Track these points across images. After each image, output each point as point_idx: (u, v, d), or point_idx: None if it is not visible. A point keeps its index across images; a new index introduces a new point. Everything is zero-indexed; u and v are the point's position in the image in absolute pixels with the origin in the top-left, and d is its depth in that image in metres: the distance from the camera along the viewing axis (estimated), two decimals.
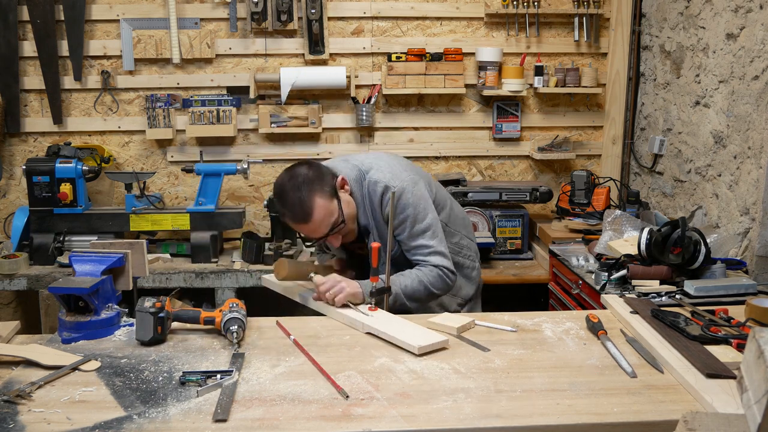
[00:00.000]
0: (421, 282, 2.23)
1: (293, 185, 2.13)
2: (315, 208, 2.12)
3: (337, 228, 2.18)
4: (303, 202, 2.11)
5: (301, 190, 2.11)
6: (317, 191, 2.13)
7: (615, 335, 1.96)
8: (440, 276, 2.26)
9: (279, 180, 2.18)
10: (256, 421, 1.50)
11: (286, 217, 2.17)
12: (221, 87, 3.78)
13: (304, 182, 2.13)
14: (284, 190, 2.14)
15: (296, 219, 2.14)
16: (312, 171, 2.16)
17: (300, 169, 2.17)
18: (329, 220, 2.15)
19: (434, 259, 2.26)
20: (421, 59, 3.71)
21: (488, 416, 1.53)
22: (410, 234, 2.25)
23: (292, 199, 2.12)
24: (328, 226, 2.16)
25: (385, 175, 2.24)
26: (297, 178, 2.14)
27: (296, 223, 2.16)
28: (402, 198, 2.22)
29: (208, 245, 3.46)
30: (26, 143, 3.78)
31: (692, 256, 2.42)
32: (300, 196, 2.11)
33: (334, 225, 2.16)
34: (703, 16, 3.08)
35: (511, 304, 2.56)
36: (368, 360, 1.81)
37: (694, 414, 1.30)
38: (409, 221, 2.24)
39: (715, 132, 2.97)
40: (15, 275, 3.28)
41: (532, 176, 4.02)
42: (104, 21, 3.69)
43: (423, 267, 2.26)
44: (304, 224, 2.15)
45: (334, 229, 2.17)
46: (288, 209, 2.14)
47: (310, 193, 2.12)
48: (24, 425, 1.48)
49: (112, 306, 2.01)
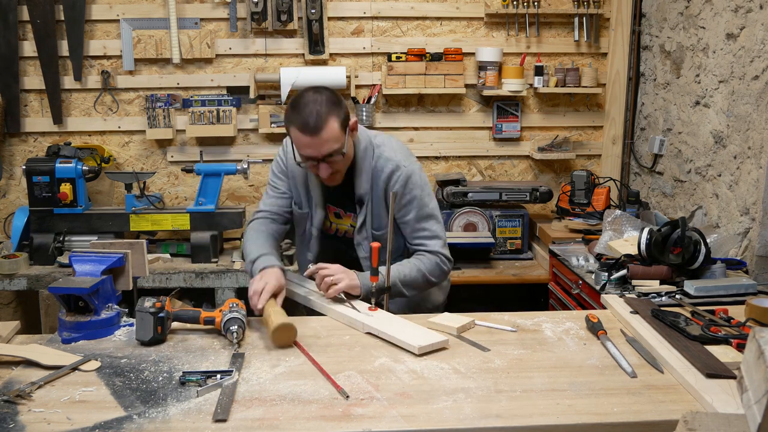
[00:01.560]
0: (420, 270, 2.25)
1: (315, 98, 2.11)
2: (328, 124, 2.10)
3: (334, 156, 2.16)
4: (320, 115, 2.09)
5: (322, 105, 2.10)
6: (335, 113, 2.12)
7: (615, 335, 1.96)
8: (438, 264, 2.29)
9: (302, 92, 2.16)
10: (256, 421, 1.50)
11: (295, 124, 2.12)
12: (221, 87, 3.78)
13: (327, 101, 2.12)
14: (305, 100, 2.12)
15: (306, 128, 2.09)
16: (335, 96, 2.17)
17: (325, 89, 2.17)
18: (333, 145, 2.13)
19: (435, 244, 2.29)
20: (421, 59, 3.71)
21: (488, 416, 1.53)
22: (417, 216, 2.28)
23: (311, 109, 2.09)
24: (330, 149, 2.13)
25: (396, 154, 2.28)
26: (321, 94, 2.13)
27: (304, 132, 2.10)
28: (411, 179, 2.26)
29: (208, 245, 3.46)
30: (26, 143, 3.78)
31: (692, 256, 2.42)
32: (318, 109, 2.09)
33: (334, 151, 2.15)
34: (703, 16, 3.08)
35: (511, 304, 2.56)
36: (368, 360, 1.81)
37: (694, 414, 1.30)
38: (417, 202, 2.27)
39: (715, 132, 2.97)
40: (15, 275, 3.29)
41: (532, 176, 4.02)
42: (104, 21, 3.69)
43: (421, 255, 2.29)
44: (310, 135, 2.10)
45: (332, 155, 2.15)
46: (302, 116, 2.10)
47: (329, 112, 2.11)
48: (24, 425, 1.48)
49: (112, 306, 2.01)
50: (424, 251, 2.29)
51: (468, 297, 3.92)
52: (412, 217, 2.28)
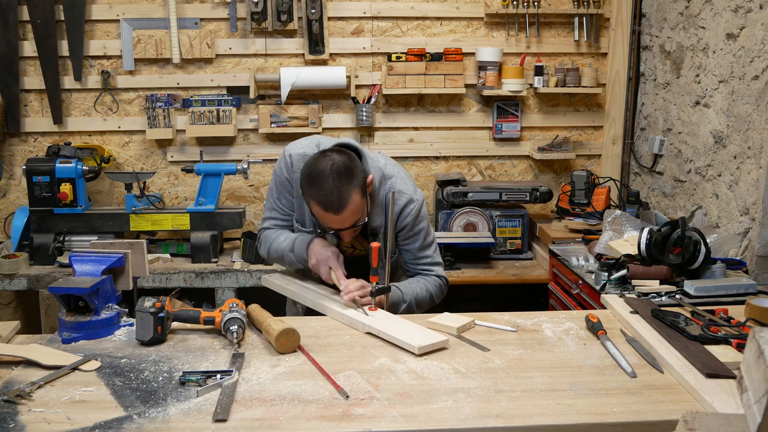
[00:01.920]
0: (428, 291, 2.33)
1: (334, 172, 2.05)
2: (351, 201, 2.07)
3: (357, 226, 2.17)
4: (342, 192, 2.05)
5: (341, 180, 2.05)
6: (355, 185, 2.08)
7: (615, 335, 1.96)
8: (441, 286, 2.38)
9: (316, 162, 2.09)
10: (256, 421, 1.50)
11: (315, 201, 2.07)
12: (221, 87, 3.78)
13: (345, 173, 2.06)
14: (323, 176, 2.05)
15: (329, 207, 2.06)
16: (350, 162, 2.11)
17: (339, 156, 2.10)
18: (356, 216, 2.13)
19: (438, 270, 2.38)
20: (421, 59, 3.71)
21: (488, 416, 1.53)
22: (422, 245, 2.34)
23: (330, 187, 2.04)
24: (354, 221, 2.13)
25: (408, 187, 2.30)
26: (338, 166, 2.06)
27: (326, 210, 2.07)
28: (421, 212, 2.31)
29: (208, 245, 3.46)
30: (26, 143, 3.78)
31: (692, 256, 2.42)
32: (339, 186, 2.04)
33: (358, 221, 2.15)
34: (703, 16, 3.08)
35: (511, 304, 2.56)
36: (368, 360, 1.81)
37: (694, 414, 1.30)
38: (423, 233, 2.33)
39: (715, 132, 2.97)
40: (15, 275, 3.29)
41: (532, 176, 4.02)
42: (104, 21, 3.69)
43: (428, 276, 2.36)
44: (333, 214, 2.07)
45: (354, 226, 2.16)
46: (323, 195, 2.05)
47: (349, 186, 2.06)
48: (24, 425, 1.48)
49: (112, 306, 2.01)
50: (432, 275, 2.37)
51: (468, 297, 3.93)
52: (416, 246, 2.34)
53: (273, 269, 3.31)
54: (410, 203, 2.27)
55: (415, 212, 2.27)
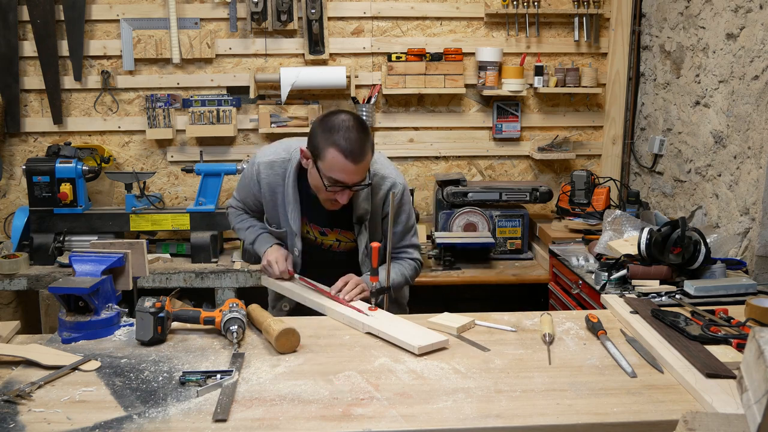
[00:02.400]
0: (403, 275, 2.39)
1: (362, 128, 2.12)
2: (367, 156, 2.12)
3: (362, 185, 2.19)
4: (364, 146, 2.10)
5: (364, 133, 2.11)
6: (369, 141, 2.15)
7: (615, 335, 1.96)
8: (416, 268, 2.45)
9: (336, 117, 2.13)
10: (256, 421, 1.50)
11: (337, 147, 2.08)
12: (221, 87, 3.78)
13: (364, 129, 2.13)
14: (346, 125, 2.09)
15: (350, 154, 2.07)
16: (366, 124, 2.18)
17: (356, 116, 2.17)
18: (364, 174, 2.17)
19: (415, 253, 2.45)
20: (421, 59, 3.71)
21: (488, 416, 1.53)
22: (404, 229, 2.40)
23: (356, 137, 2.08)
24: (362, 178, 2.16)
25: (390, 171, 2.34)
26: (359, 121, 2.13)
27: (347, 157, 2.08)
28: (404, 195, 2.36)
29: (208, 245, 3.46)
30: (26, 143, 3.78)
31: (692, 256, 2.42)
32: (363, 139, 2.10)
33: (362, 180, 2.18)
34: (703, 16, 3.08)
35: (511, 304, 2.56)
36: (368, 360, 1.81)
37: (694, 414, 1.30)
38: (405, 216, 2.38)
39: (715, 132, 2.97)
40: (15, 275, 3.29)
41: (532, 176, 4.02)
42: (104, 21, 3.69)
43: (403, 261, 2.42)
44: (352, 162, 2.08)
45: (359, 184, 2.18)
46: (348, 142, 2.07)
47: (367, 140, 2.12)
48: (24, 425, 1.48)
49: (112, 306, 2.01)
50: (406, 258, 2.43)
51: (468, 297, 3.93)
52: (400, 230, 2.38)
53: None
54: (394, 187, 2.30)
55: (399, 196, 2.30)
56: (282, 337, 1.84)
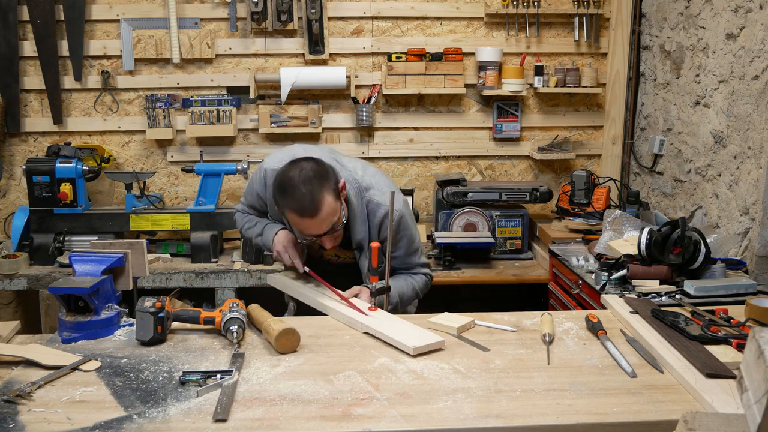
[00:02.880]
0: (414, 289, 2.39)
1: (304, 178, 2.08)
2: (324, 203, 2.08)
3: (336, 229, 2.18)
4: (313, 196, 2.07)
5: (312, 184, 2.07)
6: (326, 187, 2.10)
7: (615, 335, 1.96)
8: (426, 283, 2.45)
9: (286, 172, 2.12)
10: (256, 421, 1.50)
11: (289, 209, 2.10)
12: (221, 87, 3.78)
13: (315, 177, 2.09)
14: (293, 183, 2.08)
15: (303, 212, 2.08)
16: (320, 167, 2.13)
17: (308, 163, 2.13)
18: (332, 219, 2.13)
19: (425, 270, 2.45)
20: (421, 59, 3.71)
21: (488, 416, 1.53)
22: (406, 253, 2.38)
23: (301, 192, 2.07)
24: (330, 224, 2.14)
25: (386, 199, 2.25)
26: (307, 172, 2.09)
27: (302, 216, 2.09)
28: (402, 222, 2.31)
29: (208, 245, 3.46)
30: (26, 143, 3.78)
31: (692, 256, 2.42)
32: (311, 190, 2.06)
33: (335, 225, 2.16)
34: (703, 16, 3.08)
35: (511, 304, 2.56)
36: (368, 360, 1.81)
37: (694, 414, 1.30)
38: (406, 242, 2.36)
39: (715, 132, 2.97)
40: (15, 275, 3.29)
41: (532, 176, 4.02)
42: (104, 21, 3.69)
43: (415, 275, 2.42)
44: (309, 218, 2.09)
45: (333, 229, 2.17)
46: (295, 201, 2.07)
47: (321, 188, 2.08)
48: (24, 425, 1.48)
49: (112, 306, 2.01)
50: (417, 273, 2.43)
51: (468, 297, 3.93)
52: (401, 254, 2.37)
53: (273, 269, 3.32)
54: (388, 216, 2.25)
55: (395, 225, 2.25)
56: (282, 337, 1.84)
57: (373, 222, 2.29)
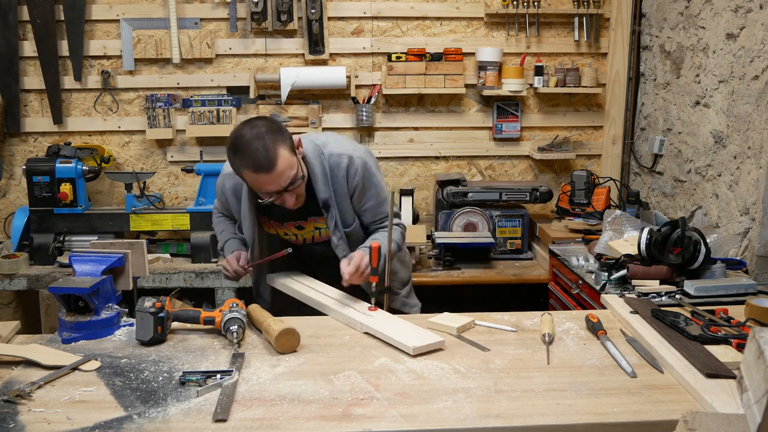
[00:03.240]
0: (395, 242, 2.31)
1: (256, 134, 2.04)
2: (279, 156, 2.04)
3: (296, 184, 2.13)
4: (268, 149, 2.02)
5: (265, 139, 2.03)
6: (280, 141, 2.06)
7: (615, 335, 1.96)
8: (402, 233, 2.42)
9: (237, 130, 2.08)
10: (256, 421, 1.50)
11: (244, 167, 2.06)
12: (221, 87, 3.78)
13: (267, 132, 2.05)
14: (245, 140, 2.03)
15: (259, 167, 2.03)
16: (272, 123, 2.10)
17: (260, 120, 2.10)
18: (290, 173, 2.09)
19: (396, 221, 2.39)
20: (421, 59, 3.71)
21: (488, 416, 1.53)
22: (377, 201, 2.33)
23: (255, 147, 2.02)
24: (289, 178, 2.09)
25: (346, 147, 2.27)
26: (259, 128, 2.05)
27: (258, 171, 2.04)
28: (367, 168, 2.27)
29: (208, 245, 3.46)
30: (26, 143, 3.78)
31: (692, 256, 2.42)
32: (264, 144, 2.02)
33: (294, 179, 2.11)
34: (703, 16, 3.08)
35: (511, 304, 2.56)
36: (368, 360, 1.81)
37: (694, 414, 1.30)
38: (375, 189, 2.31)
39: (715, 132, 2.97)
40: (15, 275, 3.28)
41: (532, 176, 4.02)
42: (104, 21, 3.69)
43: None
44: (265, 173, 2.04)
45: (293, 184, 2.12)
46: (250, 156, 2.03)
47: (274, 143, 2.04)
48: (24, 425, 1.48)
49: (112, 306, 2.01)
50: None
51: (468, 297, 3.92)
52: (372, 204, 2.32)
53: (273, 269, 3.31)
54: (352, 163, 2.23)
55: (361, 170, 2.23)
56: (282, 337, 1.84)
57: (337, 174, 2.23)
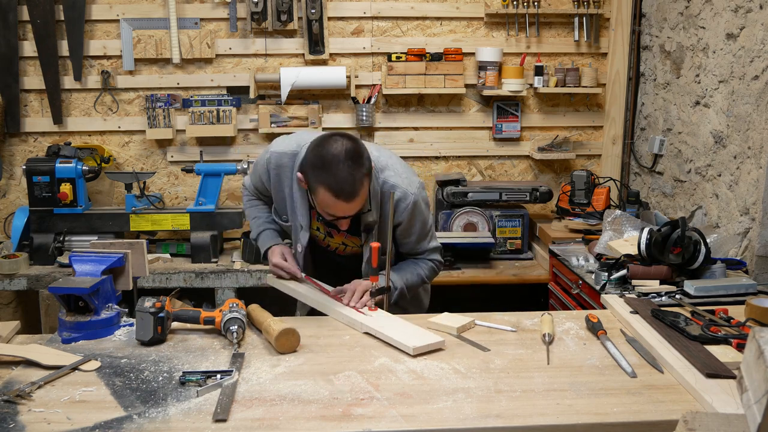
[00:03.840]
0: (419, 276, 2.33)
1: (348, 158, 1.96)
2: (362, 189, 1.99)
3: (361, 213, 2.11)
4: (355, 178, 1.96)
5: (355, 167, 1.96)
6: (365, 172, 2.00)
7: (615, 335, 1.96)
8: (433, 269, 2.38)
9: (325, 145, 1.99)
10: (256, 421, 1.50)
11: (326, 186, 1.97)
12: (221, 87, 3.78)
13: (356, 156, 1.98)
14: (337, 161, 1.95)
15: (340, 194, 1.96)
16: (358, 147, 2.01)
17: (350, 142, 2.01)
18: (362, 204, 2.06)
19: (434, 255, 2.38)
20: (421, 59, 3.71)
21: (488, 416, 1.53)
22: (418, 239, 2.31)
23: (345, 173, 1.95)
24: (359, 209, 2.07)
25: (402, 180, 2.20)
26: (351, 152, 1.97)
27: (337, 197, 1.97)
28: (417, 207, 2.21)
29: (208, 245, 3.46)
30: (26, 143, 3.78)
31: (692, 256, 2.42)
32: (352, 172, 1.96)
33: (362, 209, 2.09)
34: (703, 16, 3.08)
35: (511, 304, 2.56)
36: (368, 360, 1.81)
37: (694, 414, 1.30)
38: (419, 228, 2.27)
39: (715, 132, 2.97)
40: (15, 275, 3.29)
41: (532, 176, 4.02)
42: (104, 21, 3.69)
43: (420, 261, 2.36)
44: (344, 201, 1.98)
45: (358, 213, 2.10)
46: (336, 180, 1.95)
47: (361, 173, 1.98)
48: (24, 425, 1.48)
49: (112, 306, 2.01)
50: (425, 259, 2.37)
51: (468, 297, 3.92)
52: (414, 239, 2.29)
53: None
54: (404, 198, 2.17)
55: (410, 209, 2.18)
56: (282, 337, 1.84)
57: (386, 203, 2.16)
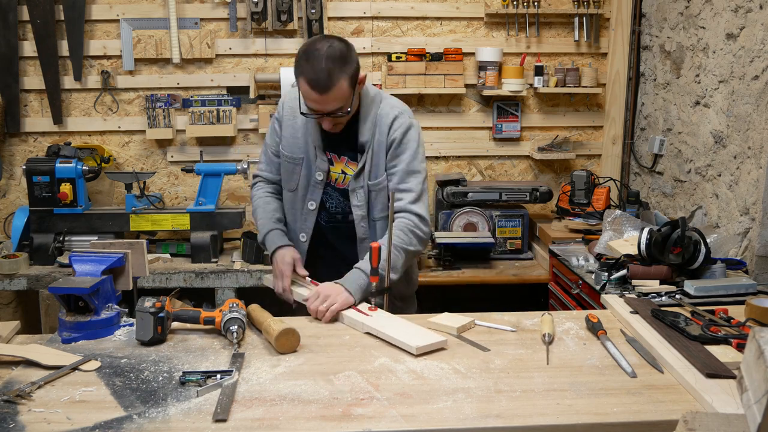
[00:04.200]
0: (398, 248, 2.20)
1: (330, 54, 2.09)
2: (338, 84, 2.10)
3: (337, 114, 2.18)
4: (332, 74, 2.08)
5: (333, 63, 2.08)
6: (346, 72, 2.11)
7: (615, 335, 1.96)
8: (412, 230, 2.24)
9: (315, 42, 2.13)
10: (256, 421, 1.50)
11: (304, 76, 2.11)
12: (221, 87, 3.78)
13: (340, 57, 2.10)
14: (318, 55, 2.08)
15: (314, 85, 2.09)
16: (347, 51, 2.14)
17: (338, 43, 2.14)
18: (339, 103, 2.15)
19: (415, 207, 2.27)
20: (421, 59, 3.71)
21: (488, 416, 1.53)
22: (406, 168, 2.29)
23: (321, 66, 2.07)
24: (336, 107, 2.15)
25: (402, 108, 2.33)
26: (334, 50, 2.10)
27: (311, 88, 2.10)
28: (411, 130, 2.30)
29: (208, 245, 3.46)
30: (26, 143, 3.78)
31: (692, 256, 2.42)
32: (330, 68, 2.08)
33: (338, 110, 2.16)
34: (703, 16, 3.08)
35: (511, 304, 2.56)
36: (368, 360, 1.81)
37: (694, 414, 1.30)
38: (409, 156, 2.30)
39: (715, 132, 2.97)
40: (15, 275, 3.28)
41: (532, 176, 4.02)
42: (104, 21, 3.69)
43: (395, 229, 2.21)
44: (317, 93, 2.10)
45: (334, 113, 2.17)
46: (312, 72, 2.08)
47: (340, 72, 2.10)
48: (24, 425, 1.48)
49: (112, 306, 2.01)
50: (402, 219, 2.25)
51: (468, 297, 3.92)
52: (402, 168, 2.29)
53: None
54: (400, 116, 2.29)
55: (404, 127, 2.28)
56: (282, 337, 1.84)
57: (383, 124, 2.28)
